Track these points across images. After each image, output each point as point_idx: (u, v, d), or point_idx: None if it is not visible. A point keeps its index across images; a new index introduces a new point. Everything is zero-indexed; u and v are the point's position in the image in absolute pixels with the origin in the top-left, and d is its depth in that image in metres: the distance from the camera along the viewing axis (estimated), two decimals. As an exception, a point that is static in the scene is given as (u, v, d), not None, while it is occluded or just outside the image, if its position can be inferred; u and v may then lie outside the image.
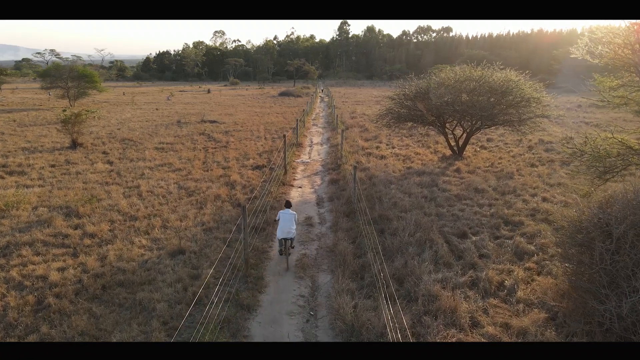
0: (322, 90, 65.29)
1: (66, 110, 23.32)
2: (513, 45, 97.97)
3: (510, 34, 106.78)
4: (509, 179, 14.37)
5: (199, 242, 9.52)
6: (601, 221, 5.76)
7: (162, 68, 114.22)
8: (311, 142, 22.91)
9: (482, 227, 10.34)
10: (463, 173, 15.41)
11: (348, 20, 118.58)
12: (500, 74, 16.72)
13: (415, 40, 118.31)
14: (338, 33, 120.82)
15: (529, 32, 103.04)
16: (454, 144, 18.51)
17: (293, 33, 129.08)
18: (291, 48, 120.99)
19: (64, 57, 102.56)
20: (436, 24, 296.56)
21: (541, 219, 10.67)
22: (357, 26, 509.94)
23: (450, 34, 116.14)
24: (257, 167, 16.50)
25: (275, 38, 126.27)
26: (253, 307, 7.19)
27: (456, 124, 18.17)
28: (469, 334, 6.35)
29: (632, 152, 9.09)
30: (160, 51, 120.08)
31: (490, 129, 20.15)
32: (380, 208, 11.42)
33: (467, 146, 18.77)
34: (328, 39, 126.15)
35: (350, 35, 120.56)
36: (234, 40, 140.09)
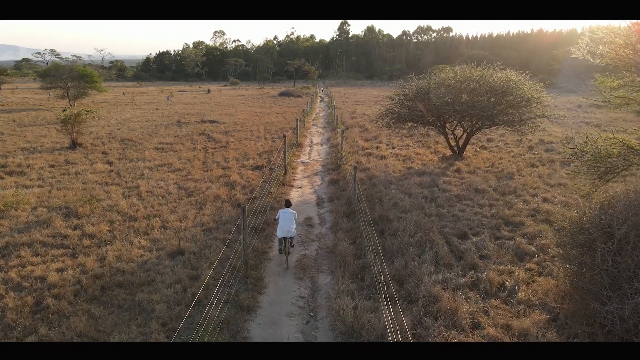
0: (322, 90, 65.27)
1: (66, 110, 23.28)
2: (513, 45, 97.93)
3: (510, 34, 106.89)
4: (509, 179, 14.34)
5: (199, 243, 9.48)
6: (603, 222, 5.73)
7: (162, 68, 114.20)
8: (311, 142, 22.87)
9: (483, 228, 10.31)
10: (463, 173, 15.38)
11: (348, 20, 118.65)
12: (500, 74, 16.69)
13: (415, 40, 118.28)
14: (338, 33, 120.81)
15: (529, 32, 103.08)
16: (454, 144, 18.48)
17: (293, 33, 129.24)
18: (291, 48, 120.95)
19: (64, 57, 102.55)
20: (436, 24, 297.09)
21: (542, 220, 10.64)
22: (357, 26, 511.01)
23: (450, 34, 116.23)
24: (257, 168, 16.47)
25: (275, 38, 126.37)
26: (252, 309, 7.16)
27: (456, 124, 18.14)
28: (470, 335, 6.31)
29: (633, 153, 9.05)
30: (160, 51, 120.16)
31: (490, 129, 20.12)
32: (381, 208, 11.39)
33: (468, 146, 18.74)
34: (328, 39, 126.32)
35: (350, 35, 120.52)
36: (234, 40, 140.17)
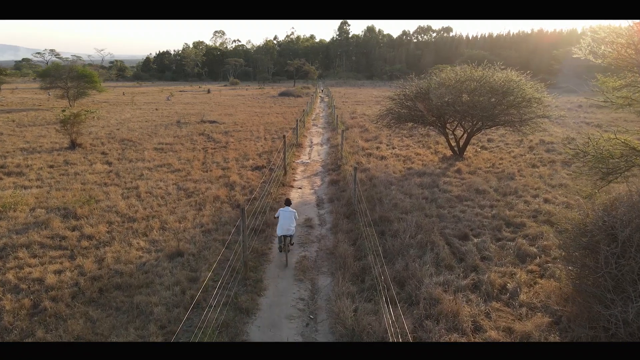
0: (322, 90, 65.24)
1: (65, 110, 23.22)
2: (513, 45, 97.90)
3: (511, 34, 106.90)
4: (510, 180, 14.27)
5: (198, 244, 9.42)
6: (606, 224, 5.66)
7: (162, 68, 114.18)
8: (311, 143, 22.81)
9: (484, 229, 10.24)
10: (464, 174, 15.31)
11: (348, 20, 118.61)
12: (501, 74, 16.62)
13: (415, 40, 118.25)
14: (338, 33, 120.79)
15: (529, 32, 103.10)
16: (454, 144, 18.41)
17: (293, 33, 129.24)
18: (291, 48, 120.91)
19: (63, 57, 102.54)
20: (436, 24, 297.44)
21: (543, 221, 10.58)
22: (357, 26, 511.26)
23: (450, 34, 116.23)
24: (257, 168, 16.40)
25: (275, 38, 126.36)
26: (252, 311, 7.09)
27: (457, 124, 18.07)
28: (472, 338, 6.25)
29: (636, 153, 8.98)
30: (160, 51, 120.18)
31: (490, 129, 20.05)
32: (381, 209, 11.32)
33: (468, 147, 18.67)
34: (328, 39, 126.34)
35: (350, 35, 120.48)
36: (234, 40, 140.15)
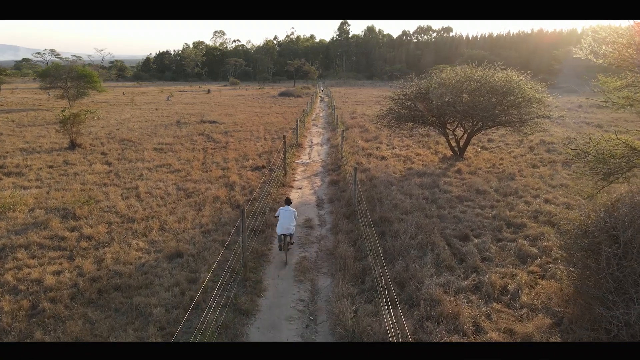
0: (322, 90, 65.21)
1: (65, 110, 23.18)
2: (513, 45, 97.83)
3: (511, 34, 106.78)
4: (510, 180, 14.24)
5: (197, 245, 9.38)
6: (608, 225, 5.63)
7: (162, 68, 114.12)
8: (311, 143, 22.77)
9: (484, 230, 10.21)
10: (464, 174, 15.27)
11: (348, 20, 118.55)
12: (501, 74, 16.58)
13: (415, 40, 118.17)
14: (338, 33, 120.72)
15: (529, 32, 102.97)
16: (454, 144, 18.38)
17: (293, 33, 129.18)
18: (291, 48, 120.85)
19: (63, 57, 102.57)
20: (436, 24, 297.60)
21: (544, 221, 10.54)
22: (357, 26, 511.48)
23: (451, 34, 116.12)
24: (257, 168, 16.37)
25: (275, 38, 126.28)
26: (252, 312, 7.05)
27: (457, 124, 18.04)
28: (472, 340, 6.21)
29: (637, 154, 8.95)
30: (160, 51, 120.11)
31: (491, 129, 20.01)
32: (381, 210, 11.29)
33: (468, 147, 18.63)
34: (328, 39, 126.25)
35: (350, 35, 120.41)
36: (234, 40, 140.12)
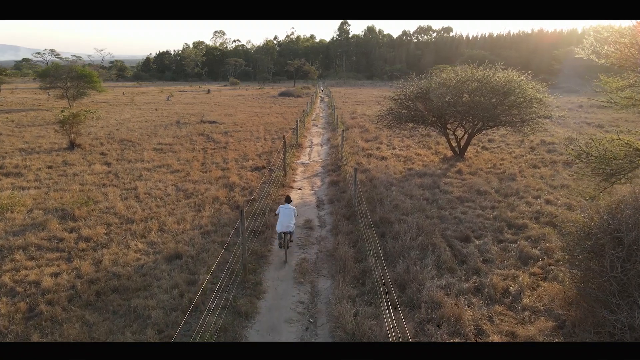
0: (322, 90, 65.14)
1: (65, 110, 23.11)
2: (513, 45, 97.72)
3: (511, 34, 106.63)
4: (511, 181, 14.17)
5: (197, 246, 9.32)
6: (611, 227, 5.56)
7: (162, 68, 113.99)
8: (311, 143, 22.70)
9: (485, 231, 10.15)
10: (465, 174, 15.21)
11: (348, 20, 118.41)
12: (502, 75, 16.52)
13: (415, 40, 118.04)
14: (338, 33, 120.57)
15: (529, 32, 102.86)
16: (455, 144, 18.31)
17: (293, 33, 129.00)
18: (291, 48, 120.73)
19: (63, 57, 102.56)
20: (436, 24, 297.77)
21: (545, 222, 10.48)
22: (357, 26, 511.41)
23: (451, 34, 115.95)
24: (257, 169, 16.30)
25: (275, 38, 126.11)
26: (251, 315, 6.99)
27: (457, 124, 17.97)
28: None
29: (639, 155, 8.88)
30: (160, 51, 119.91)
31: (491, 129, 19.95)
32: (381, 211, 11.22)
33: (469, 147, 18.56)
34: (328, 39, 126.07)
35: (350, 35, 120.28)
36: (234, 40, 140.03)
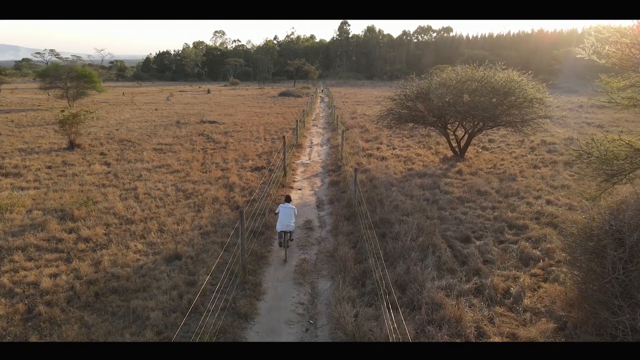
0: (322, 90, 65.10)
1: (64, 110, 23.06)
2: (513, 45, 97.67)
3: (511, 34, 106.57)
4: (511, 181, 14.13)
5: (196, 247, 9.29)
6: (613, 228, 5.52)
7: (162, 68, 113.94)
8: (311, 143, 22.67)
9: (486, 231, 10.11)
10: (465, 175, 15.17)
11: (348, 20, 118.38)
12: (502, 75, 16.48)
13: (415, 40, 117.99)
14: (338, 33, 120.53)
15: (529, 32, 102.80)
16: (455, 145, 18.28)
17: (293, 33, 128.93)
18: (291, 48, 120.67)
19: (63, 57, 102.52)
20: (436, 24, 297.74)
21: (546, 223, 10.44)
22: (357, 26, 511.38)
23: (451, 34, 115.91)
24: (256, 169, 16.27)
25: (275, 38, 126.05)
26: (250, 316, 6.95)
27: (458, 124, 17.94)
28: (475, 344, 6.12)
29: (640, 155, 8.84)
30: (160, 51, 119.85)
31: (492, 129, 19.91)
32: (382, 211, 11.19)
33: (469, 147, 18.53)
34: (328, 39, 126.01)
35: (350, 35, 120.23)
36: (234, 40, 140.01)
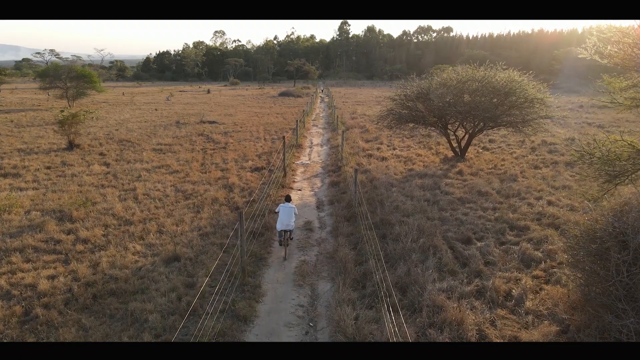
0: (322, 90, 65.04)
1: (64, 110, 23.00)
2: (513, 45, 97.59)
3: (511, 34, 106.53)
4: (512, 182, 14.06)
5: (195, 248, 9.22)
6: (616, 230, 5.46)
7: (162, 68, 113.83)
8: (311, 143, 22.60)
9: (487, 232, 10.04)
10: (466, 175, 15.10)
11: (348, 20, 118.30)
12: (503, 75, 16.42)
13: (415, 40, 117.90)
14: (338, 33, 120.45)
15: (529, 32, 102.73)
16: (456, 145, 18.21)
17: (293, 33, 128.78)
18: (291, 48, 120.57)
19: (63, 57, 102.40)
20: (436, 24, 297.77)
21: (547, 224, 10.38)
22: (358, 26, 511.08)
23: (451, 34, 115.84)
24: (256, 169, 16.20)
25: (275, 38, 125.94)
26: (250, 318, 6.89)
27: (458, 125, 17.87)
28: (476, 347, 6.05)
29: (643, 156, 8.77)
30: (160, 51, 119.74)
31: (492, 130, 19.84)
32: (382, 212, 11.13)
33: (470, 147, 18.46)
34: (328, 39, 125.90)
35: (350, 35, 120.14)
36: (234, 40, 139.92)
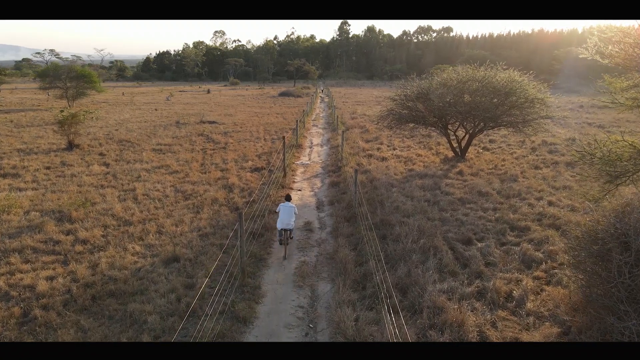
0: (322, 90, 65.01)
1: (64, 110, 22.96)
2: (514, 45, 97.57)
3: (511, 34, 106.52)
4: (513, 182, 14.03)
5: (195, 249, 9.19)
6: (618, 231, 5.43)
7: (162, 68, 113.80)
8: (311, 144, 22.57)
9: (488, 233, 10.01)
10: (466, 175, 15.07)
11: (348, 20, 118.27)
12: (503, 75, 16.39)
13: (415, 40, 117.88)
14: (338, 33, 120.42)
15: (529, 32, 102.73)
16: (456, 145, 18.18)
17: (293, 33, 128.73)
18: (291, 48, 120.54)
19: (63, 57, 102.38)
20: (436, 24, 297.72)
21: (548, 224, 10.34)
22: (358, 26, 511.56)
23: (451, 34, 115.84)
24: (256, 169, 16.17)
25: (275, 38, 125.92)
26: (249, 320, 6.85)
27: (458, 125, 17.84)
28: (477, 349, 6.02)
29: (644, 156, 8.74)
30: (160, 51, 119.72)
31: (492, 130, 19.80)
32: (382, 212, 11.09)
33: (470, 147, 18.43)
34: (328, 39, 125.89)
35: (350, 35, 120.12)
36: (234, 40, 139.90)
